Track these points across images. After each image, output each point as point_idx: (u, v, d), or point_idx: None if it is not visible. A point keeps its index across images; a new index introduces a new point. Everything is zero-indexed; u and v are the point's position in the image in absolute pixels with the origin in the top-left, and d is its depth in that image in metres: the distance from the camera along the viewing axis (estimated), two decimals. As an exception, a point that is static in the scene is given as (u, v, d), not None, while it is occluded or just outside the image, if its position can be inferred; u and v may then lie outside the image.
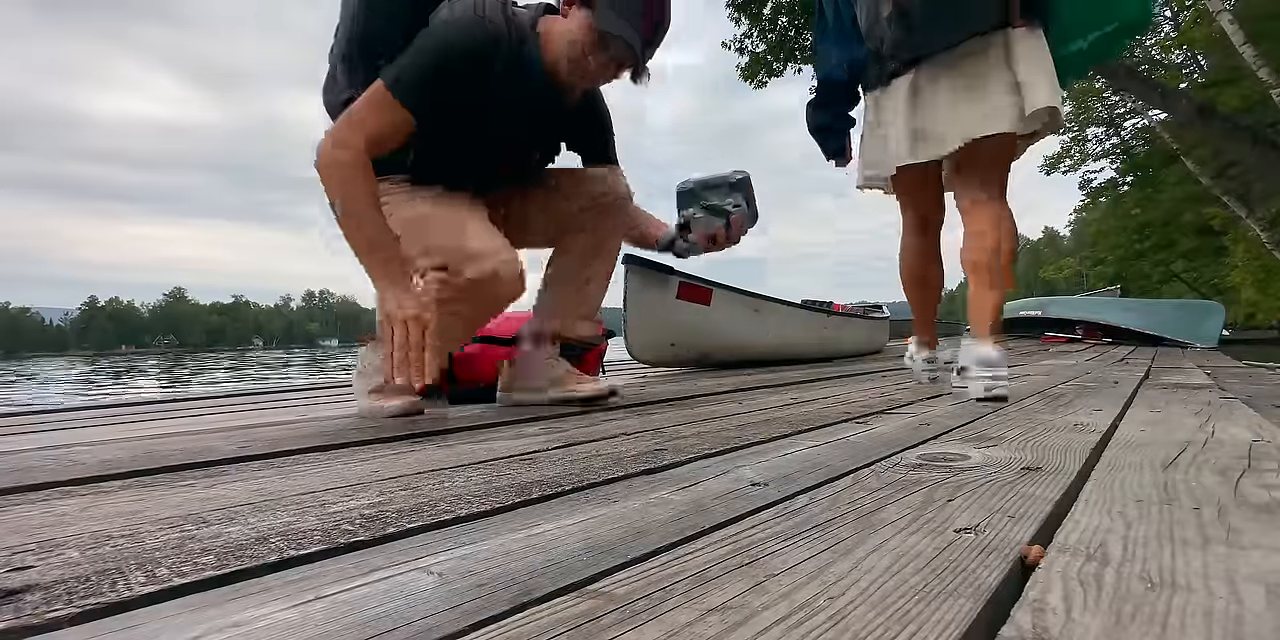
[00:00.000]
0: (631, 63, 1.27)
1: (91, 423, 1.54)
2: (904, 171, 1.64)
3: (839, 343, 3.92)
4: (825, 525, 0.51)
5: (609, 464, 0.77)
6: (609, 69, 1.28)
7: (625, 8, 1.22)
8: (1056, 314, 6.70)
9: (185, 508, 0.61)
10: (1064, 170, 18.56)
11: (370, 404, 1.39)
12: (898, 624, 0.33)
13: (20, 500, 0.66)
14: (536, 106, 1.35)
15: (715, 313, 2.84)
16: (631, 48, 1.24)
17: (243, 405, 1.93)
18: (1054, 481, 0.64)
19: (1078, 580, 0.38)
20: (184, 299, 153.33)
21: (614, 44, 1.23)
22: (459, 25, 1.19)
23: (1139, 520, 0.51)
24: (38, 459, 0.92)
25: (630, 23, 1.23)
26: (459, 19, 1.19)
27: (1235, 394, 1.50)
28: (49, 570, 0.44)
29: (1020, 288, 47.68)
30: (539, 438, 1.01)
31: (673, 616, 0.34)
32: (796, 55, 8.57)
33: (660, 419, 1.21)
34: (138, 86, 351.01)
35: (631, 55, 1.25)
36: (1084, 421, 1.05)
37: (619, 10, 1.22)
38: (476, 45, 1.20)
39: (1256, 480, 0.63)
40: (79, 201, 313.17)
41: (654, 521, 0.53)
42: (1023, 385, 1.76)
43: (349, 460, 0.85)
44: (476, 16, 1.20)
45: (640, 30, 1.24)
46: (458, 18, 1.19)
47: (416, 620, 0.35)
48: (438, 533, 0.51)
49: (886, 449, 0.84)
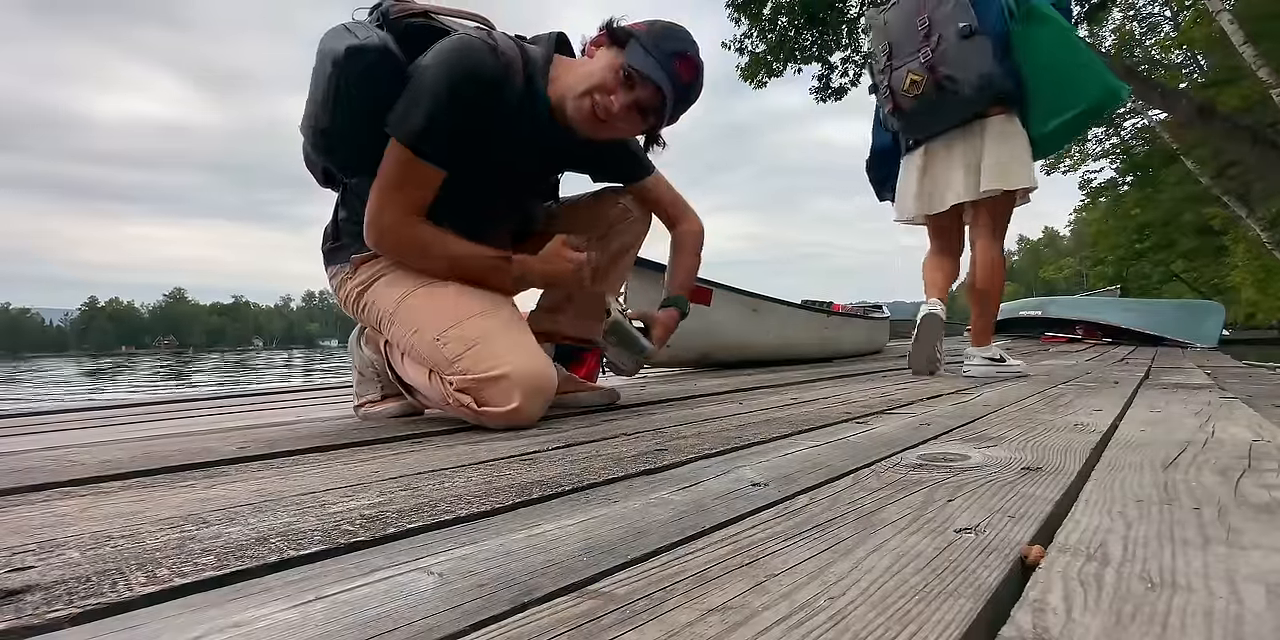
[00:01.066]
0: (656, 109, 1.18)
1: (91, 424, 1.54)
2: (930, 214, 2.25)
3: (839, 343, 3.91)
4: (825, 525, 0.51)
5: (609, 464, 0.77)
6: (630, 114, 1.17)
7: (659, 51, 1.15)
8: (1056, 314, 6.69)
9: (185, 508, 0.61)
10: (1064, 170, 18.57)
11: (370, 409, 1.39)
12: (898, 624, 0.33)
13: (20, 501, 0.66)
14: (541, 145, 1.27)
15: (715, 313, 2.84)
16: (661, 91, 1.15)
17: (242, 406, 1.93)
18: (1054, 481, 0.64)
19: (1078, 580, 0.38)
20: (184, 299, 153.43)
21: (641, 86, 1.15)
22: (469, 56, 1.10)
23: (1139, 520, 0.51)
24: (38, 459, 0.92)
25: (663, 67, 1.15)
26: (471, 47, 1.11)
27: (1235, 394, 1.50)
28: (49, 570, 0.44)
29: (1020, 287, 47.66)
30: (539, 438, 1.01)
31: (673, 616, 0.34)
32: (796, 55, 8.58)
33: (660, 419, 1.21)
34: (138, 88, 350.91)
35: (659, 101, 1.16)
36: (1084, 421, 1.05)
37: (653, 51, 1.15)
38: (488, 76, 1.12)
39: (1256, 480, 0.63)
40: (79, 202, 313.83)
41: (654, 521, 0.53)
42: (1023, 385, 1.76)
43: (349, 460, 0.85)
44: (487, 46, 1.12)
45: (674, 76, 1.16)
46: (470, 46, 1.11)
47: (417, 620, 0.35)
48: (438, 533, 0.51)
49: (886, 449, 0.84)
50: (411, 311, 1.19)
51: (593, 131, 1.21)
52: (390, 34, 1.18)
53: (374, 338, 1.37)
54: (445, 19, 1.22)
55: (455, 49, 1.10)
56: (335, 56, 1.09)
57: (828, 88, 9.12)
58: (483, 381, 1.10)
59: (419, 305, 1.19)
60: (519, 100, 1.18)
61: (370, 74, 1.10)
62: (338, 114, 1.14)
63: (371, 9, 1.23)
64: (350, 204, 1.29)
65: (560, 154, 1.34)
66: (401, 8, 1.20)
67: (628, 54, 1.15)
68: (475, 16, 1.27)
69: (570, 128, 1.22)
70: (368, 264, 1.26)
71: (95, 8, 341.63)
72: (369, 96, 1.12)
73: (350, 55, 1.08)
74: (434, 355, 1.15)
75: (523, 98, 1.18)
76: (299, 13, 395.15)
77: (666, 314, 1.45)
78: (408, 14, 1.19)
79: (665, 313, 1.45)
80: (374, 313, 1.25)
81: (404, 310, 1.20)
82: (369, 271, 1.26)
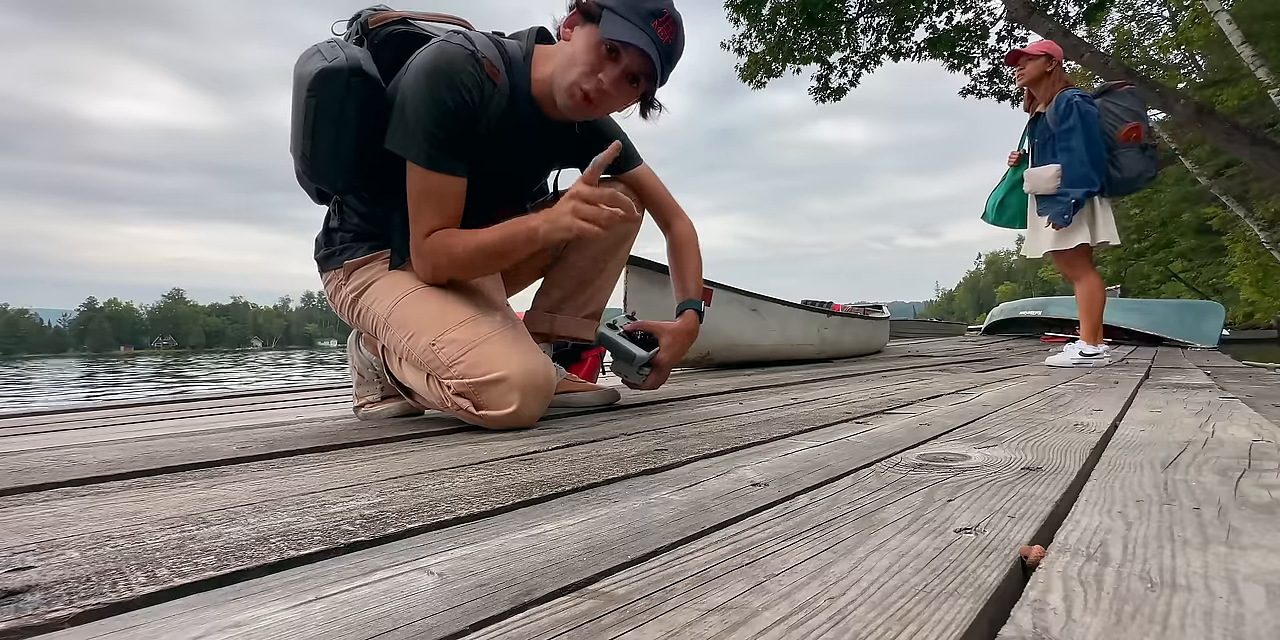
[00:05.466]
0: (648, 75, 1.15)
1: (91, 424, 1.54)
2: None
3: (839, 343, 3.91)
4: (825, 525, 0.51)
5: (609, 464, 0.77)
6: (622, 86, 1.14)
7: (635, 14, 1.11)
8: (1056, 314, 6.68)
9: (185, 508, 0.61)
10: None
11: (369, 410, 1.39)
12: (898, 624, 0.33)
13: (21, 501, 0.66)
14: (529, 143, 1.26)
15: (715, 313, 2.83)
16: (647, 54, 1.11)
17: (242, 406, 1.92)
18: (1054, 481, 0.64)
19: (1078, 580, 0.38)
20: (182, 300, 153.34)
21: (627, 55, 1.12)
22: (450, 64, 1.09)
23: (1139, 520, 0.51)
24: (38, 460, 0.92)
25: (644, 30, 1.11)
26: (449, 57, 1.09)
27: (1235, 394, 1.50)
28: (49, 570, 0.44)
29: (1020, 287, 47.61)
30: (539, 438, 1.01)
31: (673, 616, 0.34)
32: (795, 56, 8.57)
33: (660, 419, 1.21)
34: (138, 90, 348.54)
35: (648, 63, 1.13)
36: (1084, 421, 1.06)
37: (629, 16, 1.11)
38: (467, 82, 1.10)
39: (1256, 480, 0.63)
40: (79, 203, 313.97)
41: (654, 521, 0.53)
42: (1023, 385, 1.77)
43: (349, 460, 0.85)
44: (465, 51, 1.10)
45: (656, 38, 1.12)
46: (448, 56, 1.10)
47: (417, 620, 0.35)
48: (438, 533, 0.51)
49: (887, 449, 0.84)
50: (406, 316, 1.18)
51: (588, 113, 1.19)
52: (369, 43, 1.18)
53: (371, 340, 1.37)
54: (423, 24, 1.22)
55: (432, 60, 1.09)
56: (307, 81, 1.08)
57: (827, 88, 9.12)
58: (480, 385, 1.10)
59: (414, 309, 1.18)
60: (504, 102, 1.17)
61: (344, 95, 1.09)
62: (319, 139, 1.14)
63: (350, 20, 1.23)
64: (343, 212, 1.30)
65: (550, 150, 1.33)
66: (379, 17, 1.20)
67: (603, 27, 1.11)
68: (453, 19, 1.27)
69: (559, 118, 1.21)
70: (361, 269, 1.26)
71: (96, 11, 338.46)
72: (346, 118, 1.11)
73: (321, 79, 1.07)
74: (431, 359, 1.14)
75: (506, 98, 1.17)
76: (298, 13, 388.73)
77: (684, 320, 1.42)
78: (385, 22, 1.19)
79: (682, 319, 1.43)
80: (369, 318, 1.25)
81: (399, 315, 1.19)
82: (363, 277, 1.26)
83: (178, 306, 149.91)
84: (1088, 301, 2.67)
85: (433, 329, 1.15)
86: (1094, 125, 2.49)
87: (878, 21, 8.65)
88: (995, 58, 8.64)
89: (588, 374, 2.30)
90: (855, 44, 8.75)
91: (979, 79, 8.87)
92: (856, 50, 8.81)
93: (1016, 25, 8.05)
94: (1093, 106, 2.52)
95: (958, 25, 8.56)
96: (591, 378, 2.30)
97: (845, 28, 8.53)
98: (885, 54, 8.79)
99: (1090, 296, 2.66)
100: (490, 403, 1.10)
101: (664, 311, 2.67)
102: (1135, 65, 13.63)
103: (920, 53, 8.78)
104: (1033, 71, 2.65)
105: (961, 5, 8.48)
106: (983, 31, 8.58)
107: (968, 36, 8.58)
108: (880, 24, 8.66)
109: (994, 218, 2.99)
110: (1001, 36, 8.54)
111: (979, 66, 8.75)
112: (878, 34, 8.71)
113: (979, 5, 8.51)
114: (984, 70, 8.78)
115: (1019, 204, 2.88)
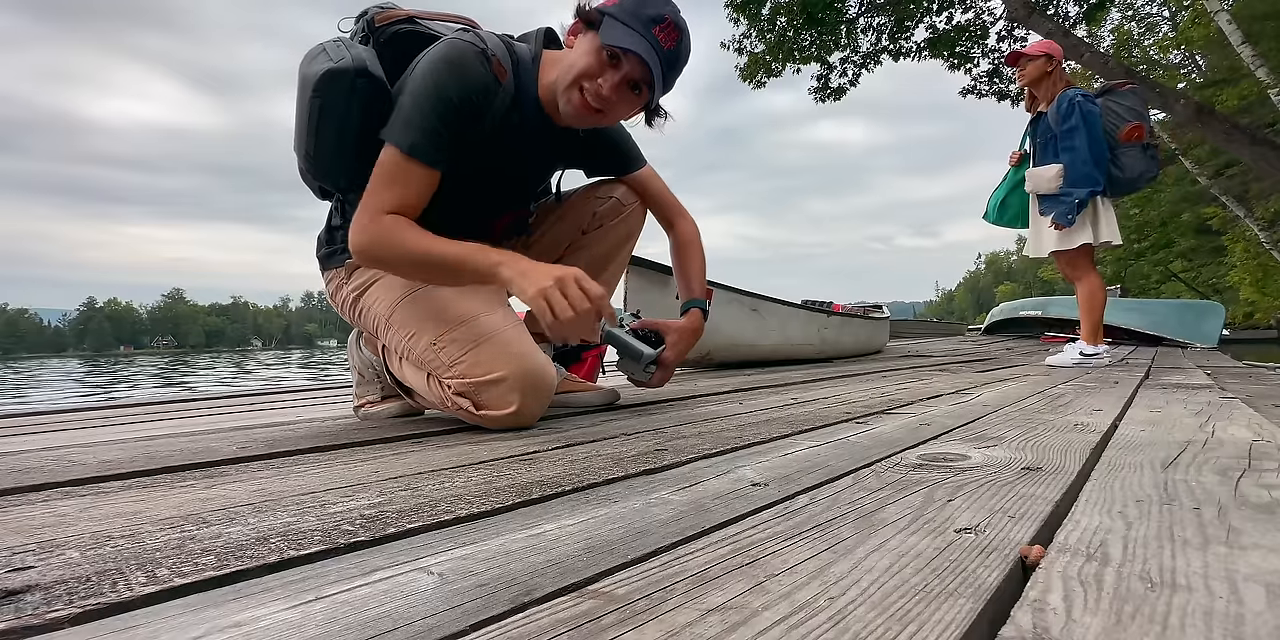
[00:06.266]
0: (649, 81, 1.13)
1: (90, 424, 1.54)
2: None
3: (839, 343, 3.91)
4: (825, 525, 0.51)
5: (609, 464, 0.77)
6: (623, 93, 1.13)
7: (636, 21, 1.10)
8: (1056, 314, 6.68)
9: (185, 508, 0.61)
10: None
11: (369, 409, 1.39)
12: (898, 624, 0.33)
13: (20, 501, 0.66)
14: (534, 145, 1.25)
15: (715, 313, 2.83)
16: (646, 62, 1.09)
17: (242, 406, 1.92)
18: (1054, 481, 0.64)
19: (1078, 580, 0.38)
20: (182, 300, 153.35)
21: (627, 61, 1.11)
22: (460, 59, 1.08)
23: (1139, 520, 0.51)
24: (38, 460, 0.92)
25: (644, 36, 1.09)
26: (460, 52, 1.09)
27: (1235, 394, 1.50)
28: (49, 570, 0.44)
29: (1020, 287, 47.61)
30: (539, 438, 1.01)
31: (673, 616, 0.34)
32: (795, 55, 8.58)
33: (660, 419, 1.21)
34: (139, 91, 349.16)
35: (647, 71, 1.11)
36: (1084, 421, 1.06)
37: (630, 23, 1.09)
38: (476, 81, 1.09)
39: (1256, 480, 0.63)
40: (79, 203, 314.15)
41: (654, 521, 0.53)
42: (1023, 385, 1.77)
43: (349, 460, 0.85)
44: (475, 49, 1.09)
45: (657, 44, 1.10)
46: (459, 51, 1.09)
47: (417, 620, 0.35)
48: (438, 533, 0.51)
49: (887, 449, 0.84)
50: (407, 315, 1.18)
51: (591, 121, 1.18)
52: (376, 42, 1.17)
53: (372, 340, 1.37)
54: (430, 23, 1.21)
55: (443, 55, 1.09)
56: (312, 82, 1.08)
57: (826, 87, 9.13)
58: (481, 385, 1.09)
59: (415, 309, 1.18)
60: (509, 102, 1.17)
61: (348, 96, 1.09)
62: (322, 138, 1.14)
63: (357, 18, 1.23)
64: (345, 211, 1.29)
65: (554, 152, 1.33)
66: (386, 14, 1.19)
67: (603, 33, 1.10)
68: (461, 18, 1.27)
69: (564, 124, 1.21)
70: (362, 268, 1.26)
71: (96, 12, 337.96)
72: (351, 118, 1.11)
73: (326, 80, 1.07)
74: (431, 359, 1.14)
75: (512, 99, 1.17)
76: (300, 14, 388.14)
77: (689, 318, 1.43)
78: (392, 21, 1.19)
79: (687, 318, 1.43)
80: (370, 317, 1.24)
81: (400, 314, 1.19)
82: (364, 276, 1.25)
83: (178, 306, 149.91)
84: (1088, 301, 2.67)
85: (433, 328, 1.15)
86: (1096, 124, 2.49)
87: (878, 21, 8.65)
88: (995, 58, 8.65)
89: (588, 374, 2.30)
90: (855, 44, 8.75)
91: (979, 79, 8.87)
92: (856, 50, 8.82)
93: (1016, 25, 8.05)
94: (1095, 106, 2.52)
95: (958, 25, 8.56)
96: (592, 378, 2.30)
97: (845, 27, 8.53)
98: (885, 54, 8.80)
99: (1091, 296, 2.67)
100: (490, 403, 1.10)
101: (663, 311, 2.68)
102: (1135, 65, 13.62)
103: (920, 53, 8.78)
104: (1033, 72, 2.65)
105: (961, 5, 8.48)
106: (983, 31, 8.58)
107: (968, 36, 8.58)
108: (880, 24, 8.66)
109: (995, 218, 3.00)
110: (1001, 36, 8.55)
111: (979, 66, 8.75)
112: (878, 34, 8.72)
113: (979, 5, 8.51)
114: (984, 70, 8.78)
115: (1020, 204, 2.88)
